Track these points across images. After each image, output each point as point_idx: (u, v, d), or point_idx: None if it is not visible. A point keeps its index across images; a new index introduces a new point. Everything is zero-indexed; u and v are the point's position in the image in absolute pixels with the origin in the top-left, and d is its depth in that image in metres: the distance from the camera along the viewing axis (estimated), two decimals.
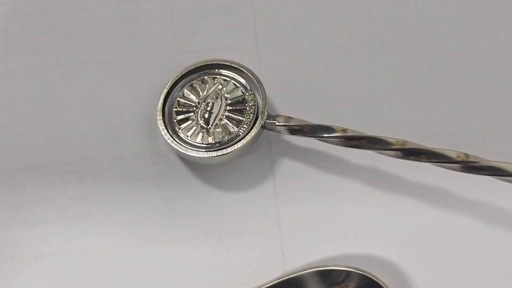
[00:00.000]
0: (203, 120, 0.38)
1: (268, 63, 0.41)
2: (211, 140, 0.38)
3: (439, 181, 0.38)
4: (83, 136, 0.40)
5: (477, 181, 0.37)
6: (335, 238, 0.37)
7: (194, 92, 0.39)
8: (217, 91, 0.39)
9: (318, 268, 0.36)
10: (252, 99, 0.38)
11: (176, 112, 0.39)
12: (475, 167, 0.35)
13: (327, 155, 0.39)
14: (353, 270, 0.35)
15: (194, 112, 0.39)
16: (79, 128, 0.40)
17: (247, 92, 0.39)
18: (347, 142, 0.36)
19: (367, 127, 0.37)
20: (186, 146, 0.38)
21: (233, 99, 0.39)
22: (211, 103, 0.39)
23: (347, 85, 0.41)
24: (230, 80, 0.39)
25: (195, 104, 0.39)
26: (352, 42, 0.42)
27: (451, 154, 0.35)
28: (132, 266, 0.37)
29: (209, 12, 0.42)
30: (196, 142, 0.38)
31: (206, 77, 0.39)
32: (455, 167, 0.35)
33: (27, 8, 0.43)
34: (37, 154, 0.40)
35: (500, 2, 0.42)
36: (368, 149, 0.36)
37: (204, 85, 0.39)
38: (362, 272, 0.35)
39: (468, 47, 0.41)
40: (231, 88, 0.39)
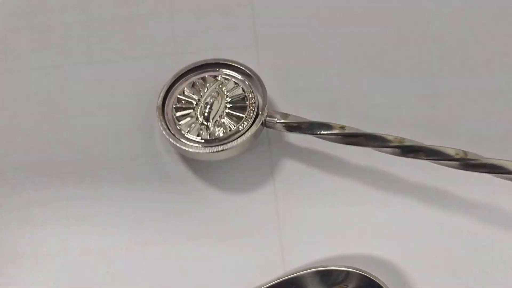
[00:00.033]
0: (203, 117, 0.38)
1: (267, 63, 0.41)
2: (210, 136, 0.38)
3: (438, 181, 0.38)
4: (83, 136, 0.40)
5: (476, 181, 0.37)
6: (334, 238, 0.37)
7: (194, 90, 0.39)
8: (217, 89, 0.39)
9: (317, 268, 0.36)
10: (253, 97, 0.38)
11: (175, 108, 0.38)
12: (473, 165, 0.35)
13: (327, 156, 0.39)
14: (352, 270, 0.35)
15: (194, 109, 0.38)
16: (79, 128, 0.40)
17: (247, 90, 0.39)
18: (345, 139, 0.36)
19: (366, 126, 0.37)
20: (186, 141, 0.38)
21: (233, 97, 0.38)
22: (211, 100, 0.38)
23: (347, 84, 0.41)
24: (230, 78, 0.39)
25: (195, 101, 0.39)
26: (350, 41, 0.42)
27: (450, 152, 0.35)
28: (132, 266, 0.37)
29: (208, 12, 0.42)
30: (196, 138, 0.38)
31: (207, 75, 0.39)
32: (454, 164, 0.35)
33: (27, 8, 0.43)
34: (36, 154, 0.39)
35: (499, 2, 0.42)
36: (366, 146, 0.36)
37: (205, 83, 0.39)
38: (362, 272, 0.35)
39: (466, 44, 0.41)
40: (232, 87, 0.39)
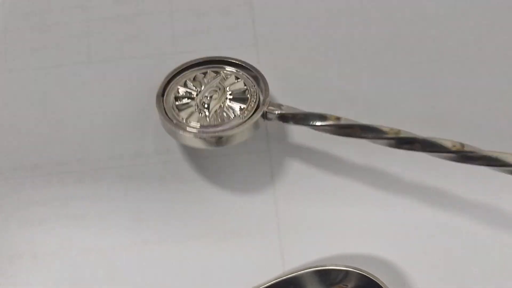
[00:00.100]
0: (203, 106, 0.38)
1: (267, 62, 0.41)
2: (210, 123, 0.37)
3: (438, 181, 0.38)
4: (82, 136, 0.40)
5: (477, 181, 0.37)
6: (333, 237, 0.37)
7: (196, 82, 0.39)
8: (219, 83, 0.39)
9: (317, 268, 0.35)
10: (255, 91, 0.38)
11: (175, 98, 0.38)
12: (470, 157, 0.34)
13: (326, 156, 0.39)
14: (351, 269, 0.35)
15: (194, 99, 0.38)
16: (78, 128, 0.40)
17: (249, 84, 0.38)
18: (340, 130, 0.36)
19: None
20: (184, 126, 0.37)
21: (234, 91, 0.38)
22: (212, 91, 0.38)
23: (347, 84, 0.41)
24: (232, 74, 0.39)
25: (196, 93, 0.38)
26: (350, 41, 0.42)
27: (447, 144, 0.34)
28: (131, 265, 0.37)
29: (208, 12, 0.42)
30: (195, 124, 0.37)
31: (209, 71, 0.39)
32: (451, 156, 0.34)
33: (27, 8, 0.43)
34: (36, 154, 0.40)
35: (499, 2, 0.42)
36: (361, 137, 0.35)
37: (206, 77, 0.39)
38: (361, 272, 0.35)
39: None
40: (233, 81, 0.39)
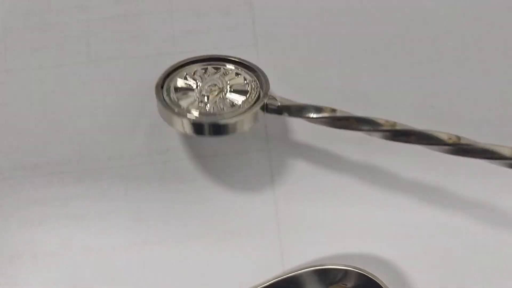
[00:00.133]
0: (203, 97, 0.38)
1: (267, 62, 0.41)
2: (209, 111, 0.37)
3: (438, 181, 0.38)
4: (82, 136, 0.40)
5: (477, 181, 0.37)
6: (333, 237, 0.37)
7: (196, 76, 0.39)
8: (219, 77, 0.39)
9: (316, 267, 0.36)
10: (256, 86, 0.38)
11: (175, 88, 0.38)
12: (466, 150, 0.34)
13: (326, 155, 0.39)
14: (351, 268, 0.35)
15: (194, 91, 0.38)
16: (78, 128, 0.40)
17: (249, 79, 0.38)
18: (335, 122, 0.36)
19: None
20: (183, 113, 0.37)
21: (234, 85, 0.38)
22: (212, 85, 0.38)
23: (346, 83, 0.41)
24: (232, 71, 0.39)
25: (196, 85, 0.38)
26: (349, 40, 0.42)
27: (443, 136, 0.34)
28: (131, 265, 0.37)
29: (208, 12, 0.42)
30: (194, 112, 0.37)
31: (209, 67, 0.39)
32: (447, 149, 0.34)
33: (27, 7, 0.43)
34: (35, 154, 0.40)
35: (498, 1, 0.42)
36: (357, 130, 0.35)
37: (206, 73, 0.39)
38: (360, 271, 0.35)
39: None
40: (233, 77, 0.39)
